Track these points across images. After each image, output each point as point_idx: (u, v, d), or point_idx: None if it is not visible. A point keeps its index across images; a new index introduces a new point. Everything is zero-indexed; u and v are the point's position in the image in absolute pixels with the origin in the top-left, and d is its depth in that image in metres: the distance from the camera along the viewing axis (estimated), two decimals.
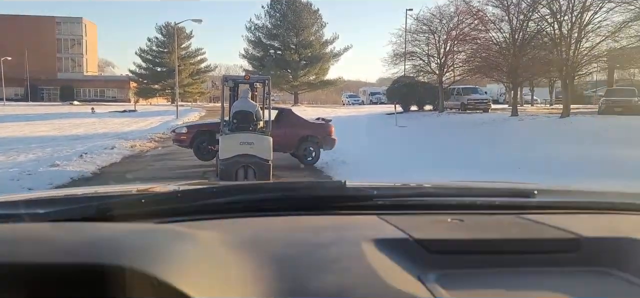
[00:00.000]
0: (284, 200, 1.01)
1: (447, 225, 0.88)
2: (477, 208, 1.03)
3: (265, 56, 47.56)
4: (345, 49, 49.73)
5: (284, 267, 0.66)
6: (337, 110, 37.34)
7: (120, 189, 1.32)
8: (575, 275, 0.74)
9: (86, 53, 71.23)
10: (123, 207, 0.88)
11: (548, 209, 1.05)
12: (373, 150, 13.46)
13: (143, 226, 0.77)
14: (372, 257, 0.70)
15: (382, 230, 0.83)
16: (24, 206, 1.01)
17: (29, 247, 0.57)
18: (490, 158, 10.60)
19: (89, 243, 0.60)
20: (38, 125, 22.68)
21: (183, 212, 0.90)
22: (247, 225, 0.88)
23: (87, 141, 14.96)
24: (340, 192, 1.05)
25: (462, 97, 26.12)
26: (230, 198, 0.98)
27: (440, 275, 0.69)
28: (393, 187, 1.23)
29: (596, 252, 0.77)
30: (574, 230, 0.83)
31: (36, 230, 0.71)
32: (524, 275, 0.73)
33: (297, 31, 45.75)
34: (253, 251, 0.70)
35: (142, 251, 0.58)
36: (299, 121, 10.91)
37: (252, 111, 7.69)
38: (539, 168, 8.96)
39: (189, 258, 0.61)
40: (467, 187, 1.28)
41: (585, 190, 1.35)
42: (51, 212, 0.87)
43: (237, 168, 6.87)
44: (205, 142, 9.92)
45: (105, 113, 33.76)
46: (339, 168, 9.98)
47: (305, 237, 0.80)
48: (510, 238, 0.82)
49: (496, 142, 13.34)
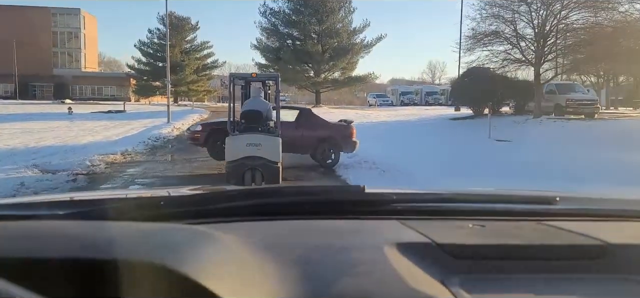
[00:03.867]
0: (305, 204, 1.00)
1: (469, 231, 0.87)
2: (498, 215, 1.02)
3: (282, 47, 39.69)
4: (378, 39, 40.24)
5: (306, 270, 0.66)
6: (369, 112, 30.37)
7: (137, 194, 1.42)
8: (600, 282, 0.72)
9: (84, 48, 66.39)
10: (144, 209, 0.90)
11: (571, 216, 1.03)
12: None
13: (171, 226, 0.77)
14: (394, 261, 0.70)
15: (404, 235, 0.83)
16: (46, 208, 1.01)
17: (55, 243, 0.59)
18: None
19: (117, 240, 0.60)
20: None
21: (204, 215, 0.91)
22: (268, 228, 0.88)
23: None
24: (361, 196, 1.05)
25: (558, 97, 18.83)
26: (251, 202, 0.99)
27: (463, 280, 0.68)
28: (413, 193, 1.24)
29: (621, 259, 0.76)
30: (599, 236, 0.81)
31: (61, 227, 0.71)
32: (548, 281, 0.71)
33: (321, 17, 37.96)
34: (275, 254, 0.70)
35: (173, 249, 0.58)
36: (318, 122, 10.45)
37: (262, 111, 7.28)
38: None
39: (216, 258, 0.62)
40: (487, 194, 1.25)
41: (609, 197, 1.31)
42: (74, 213, 0.88)
43: (243, 171, 6.49)
44: (219, 140, 9.40)
45: (86, 114, 28.54)
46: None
47: (327, 241, 0.80)
48: (533, 244, 0.80)
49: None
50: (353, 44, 39.23)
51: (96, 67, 71.01)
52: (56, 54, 63.95)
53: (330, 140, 10.04)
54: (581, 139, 12.42)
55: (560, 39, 16.83)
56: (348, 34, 39.26)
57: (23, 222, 0.79)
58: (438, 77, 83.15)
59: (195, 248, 0.61)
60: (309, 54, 38.40)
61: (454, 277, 0.69)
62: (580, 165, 9.06)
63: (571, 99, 18.61)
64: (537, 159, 10.18)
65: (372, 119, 24.53)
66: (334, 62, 39.05)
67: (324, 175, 9.38)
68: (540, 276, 0.72)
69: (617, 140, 11.36)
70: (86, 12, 65.81)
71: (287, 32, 40.27)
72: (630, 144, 10.49)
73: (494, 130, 14.66)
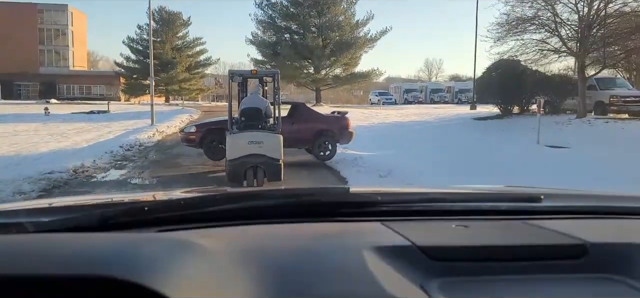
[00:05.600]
0: (288, 207, 1.00)
1: (452, 232, 0.87)
2: (482, 214, 1.01)
3: (279, 41, 36.63)
4: (383, 33, 37.27)
5: (286, 276, 0.66)
6: (376, 111, 27.85)
7: (122, 197, 1.34)
8: (581, 282, 0.73)
9: (73, 45, 63.39)
10: (126, 216, 0.89)
11: (555, 214, 1.03)
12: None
13: (145, 236, 0.79)
14: (373, 265, 0.69)
15: (385, 237, 0.82)
16: (25, 215, 1.01)
17: (29, 259, 0.59)
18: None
19: (88, 255, 0.61)
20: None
21: (185, 220, 0.90)
22: (250, 233, 0.88)
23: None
24: (345, 197, 1.06)
25: (600, 93, 16.32)
26: (233, 206, 0.98)
27: (442, 283, 0.68)
28: (397, 192, 1.22)
29: (603, 258, 0.76)
30: (580, 235, 0.82)
31: (37, 241, 0.71)
32: (529, 282, 0.72)
33: (321, 9, 34.98)
34: (253, 260, 0.70)
35: (143, 262, 0.59)
36: (313, 115, 10.39)
37: (262, 108, 7.22)
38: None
39: (190, 269, 0.62)
40: (472, 193, 1.24)
41: (593, 194, 1.31)
42: (55, 221, 0.86)
43: (246, 168, 6.41)
44: (215, 140, 9.43)
45: (65, 115, 25.94)
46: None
47: (308, 245, 0.80)
48: (514, 244, 0.81)
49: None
50: (356, 38, 36.32)
51: (85, 65, 68.24)
52: (43, 52, 61.01)
53: (326, 132, 9.84)
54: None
55: (611, 25, 14.26)
56: (351, 27, 36.35)
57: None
58: (435, 74, 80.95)
59: (171, 259, 0.61)
60: (308, 48, 35.46)
61: (434, 280, 0.68)
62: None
63: (616, 95, 16.08)
64: (625, 174, 7.63)
65: (382, 118, 22.00)
66: (335, 57, 36.10)
67: (340, 181, 8.04)
68: (522, 277, 0.72)
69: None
70: (74, 8, 63.06)
71: (285, 25, 37.27)
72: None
73: (532, 132, 12.16)
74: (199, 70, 52.08)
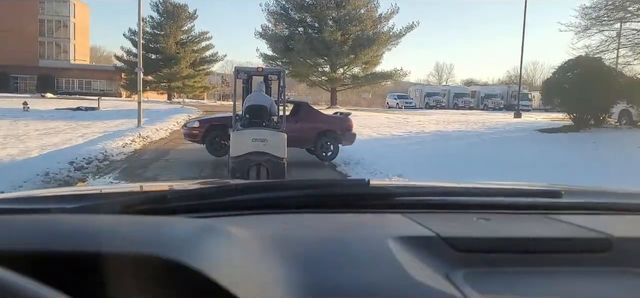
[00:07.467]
0: (309, 198, 1.00)
1: (474, 224, 0.87)
2: (503, 208, 1.01)
3: (292, 35, 32.81)
4: (409, 28, 33.05)
5: (311, 264, 0.67)
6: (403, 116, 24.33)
7: (141, 187, 1.35)
8: (605, 275, 0.72)
9: (74, 38, 60.74)
10: (150, 202, 0.89)
11: (576, 209, 1.02)
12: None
13: (179, 219, 0.79)
14: (398, 255, 0.70)
15: (408, 228, 0.83)
16: (54, 201, 1.02)
17: (66, 236, 0.59)
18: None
19: (127, 234, 0.61)
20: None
21: (210, 208, 0.91)
22: (273, 222, 0.88)
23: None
24: (365, 190, 1.05)
25: None
26: (257, 195, 0.99)
27: (468, 274, 0.68)
28: (417, 186, 1.22)
29: (627, 253, 0.76)
30: (604, 230, 0.81)
31: (70, 221, 0.71)
32: (553, 274, 0.71)
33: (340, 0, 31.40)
34: (280, 247, 0.71)
35: (183, 243, 0.59)
36: (316, 115, 10.34)
37: (266, 105, 7.11)
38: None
39: (225, 252, 0.63)
40: (493, 188, 1.24)
41: (614, 191, 1.30)
42: (82, 207, 0.87)
43: (249, 166, 6.30)
44: (218, 137, 9.48)
45: (46, 111, 23.08)
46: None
47: (332, 235, 0.81)
48: (538, 237, 0.80)
49: None
50: (379, 33, 32.55)
51: (87, 59, 65.45)
52: (43, 43, 58.59)
53: (329, 133, 9.87)
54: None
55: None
56: (373, 21, 32.57)
57: (33, 215, 0.77)
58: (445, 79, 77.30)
59: (204, 241, 0.62)
60: (325, 43, 31.64)
61: (459, 270, 0.68)
62: None
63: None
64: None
65: (415, 125, 18.45)
66: (355, 54, 32.29)
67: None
68: (545, 269, 0.72)
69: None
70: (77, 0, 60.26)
71: (299, 17, 33.45)
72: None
73: (622, 154, 8.69)
74: (204, 66, 48.68)
